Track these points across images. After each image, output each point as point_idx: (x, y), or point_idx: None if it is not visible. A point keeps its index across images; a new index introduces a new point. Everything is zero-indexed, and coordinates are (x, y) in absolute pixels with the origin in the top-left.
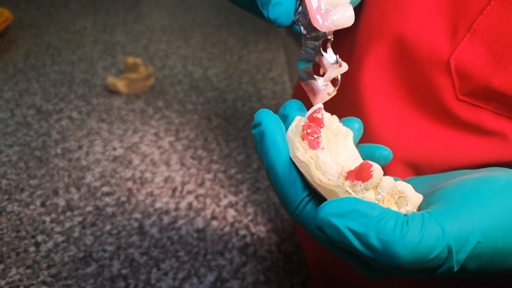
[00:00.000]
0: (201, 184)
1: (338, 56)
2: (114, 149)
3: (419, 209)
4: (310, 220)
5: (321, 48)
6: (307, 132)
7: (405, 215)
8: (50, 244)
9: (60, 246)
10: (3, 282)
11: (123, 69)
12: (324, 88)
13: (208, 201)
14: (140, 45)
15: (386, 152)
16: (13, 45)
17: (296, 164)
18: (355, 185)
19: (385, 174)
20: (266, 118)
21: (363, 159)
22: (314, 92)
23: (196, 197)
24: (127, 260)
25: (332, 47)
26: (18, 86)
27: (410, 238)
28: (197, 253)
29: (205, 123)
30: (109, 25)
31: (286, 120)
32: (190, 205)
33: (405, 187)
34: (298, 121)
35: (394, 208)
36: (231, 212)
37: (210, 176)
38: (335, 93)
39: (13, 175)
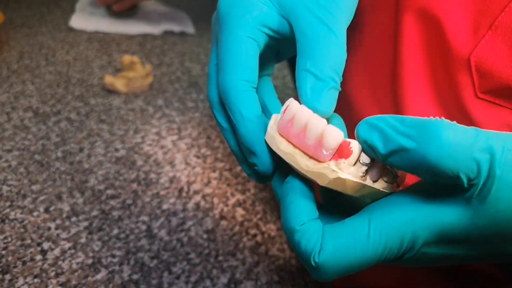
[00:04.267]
0: (208, 183)
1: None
2: (116, 150)
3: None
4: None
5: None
6: None
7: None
8: (57, 251)
9: (67, 253)
10: None
11: (119, 67)
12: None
13: (215, 200)
14: (135, 42)
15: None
16: (5, 46)
17: (282, 156)
18: (339, 163)
19: None
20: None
21: None
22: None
23: (203, 197)
24: (137, 264)
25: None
26: (13, 88)
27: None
28: (208, 254)
29: (207, 121)
30: None
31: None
32: (197, 205)
33: None
34: (276, 118)
35: (382, 181)
36: (239, 211)
37: (215, 174)
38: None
39: (14, 181)
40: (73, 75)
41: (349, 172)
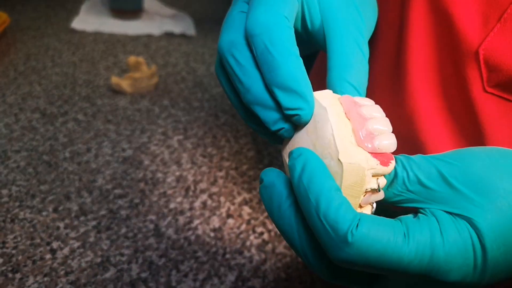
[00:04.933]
0: (214, 182)
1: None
2: (123, 150)
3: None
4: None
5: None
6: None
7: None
8: (66, 251)
9: (76, 252)
10: None
11: (125, 68)
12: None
13: (222, 199)
14: (140, 43)
15: None
16: (12, 48)
17: (328, 110)
18: (374, 160)
19: None
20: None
21: None
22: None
23: (210, 196)
24: (146, 263)
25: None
26: (21, 90)
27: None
28: (216, 252)
29: (213, 120)
30: None
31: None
32: (204, 204)
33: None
34: (332, 92)
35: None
36: (246, 209)
37: (222, 173)
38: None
39: (22, 181)
40: (79, 76)
41: (368, 174)
